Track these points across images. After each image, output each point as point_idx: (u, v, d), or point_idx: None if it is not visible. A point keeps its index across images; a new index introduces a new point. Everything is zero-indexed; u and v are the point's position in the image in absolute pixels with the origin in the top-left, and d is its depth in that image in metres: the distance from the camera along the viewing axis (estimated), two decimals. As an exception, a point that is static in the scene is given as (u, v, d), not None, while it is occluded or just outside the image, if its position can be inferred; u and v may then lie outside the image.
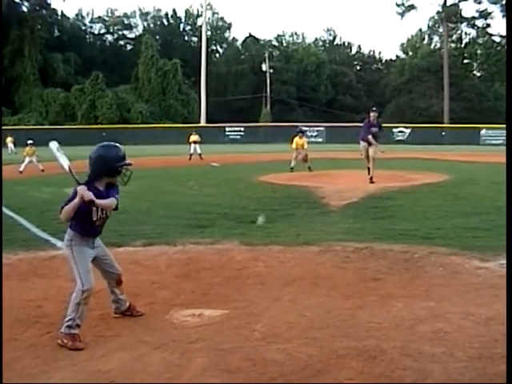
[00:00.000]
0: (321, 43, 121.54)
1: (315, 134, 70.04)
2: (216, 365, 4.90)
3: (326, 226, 11.85)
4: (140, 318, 6.20)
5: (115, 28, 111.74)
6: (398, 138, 68.06)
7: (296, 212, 13.87)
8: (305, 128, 39.84)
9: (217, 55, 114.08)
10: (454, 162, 33.51)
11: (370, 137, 20.27)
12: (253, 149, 51.60)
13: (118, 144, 5.85)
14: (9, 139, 48.80)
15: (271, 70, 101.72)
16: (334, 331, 5.64)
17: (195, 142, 38.05)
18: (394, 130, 69.44)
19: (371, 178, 19.82)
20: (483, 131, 68.98)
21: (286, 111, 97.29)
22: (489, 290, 7.06)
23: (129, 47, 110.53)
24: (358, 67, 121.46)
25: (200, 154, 37.14)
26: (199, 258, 8.88)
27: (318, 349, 5.19)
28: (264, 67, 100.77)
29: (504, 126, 69.29)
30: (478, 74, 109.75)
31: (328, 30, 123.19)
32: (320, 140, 67.79)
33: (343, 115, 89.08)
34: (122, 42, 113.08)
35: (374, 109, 21.37)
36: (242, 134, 73.77)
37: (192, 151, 37.55)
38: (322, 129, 72.86)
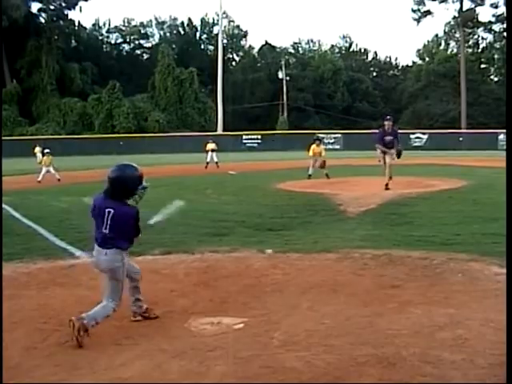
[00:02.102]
0: (337, 50, 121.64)
1: (332, 141, 70.00)
2: (235, 373, 4.89)
3: (343, 232, 11.84)
4: (159, 326, 6.22)
5: (132, 37, 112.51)
6: (416, 144, 67.88)
7: (313, 219, 13.86)
8: (322, 135, 39.88)
9: (233, 63, 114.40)
10: (471, 167, 33.33)
11: (380, 146, 20.32)
12: (270, 156, 51.60)
13: (135, 165, 6.07)
14: (37, 149, 48.96)
15: (288, 78, 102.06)
16: (352, 339, 5.62)
17: (212, 150, 38.03)
18: (411, 136, 69.29)
19: (387, 185, 19.74)
20: (501, 136, 68.47)
21: (302, 118, 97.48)
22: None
23: (145, 56, 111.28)
24: (375, 73, 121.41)
25: (217, 163, 37.14)
26: (217, 266, 8.89)
27: (337, 356, 5.17)
28: (280, 75, 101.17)
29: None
30: (496, 79, 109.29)
31: (344, 36, 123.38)
32: (337, 147, 67.74)
33: (360, 122, 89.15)
34: (138, 52, 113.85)
35: (388, 117, 21.13)
36: (259, 141, 73.88)
37: (209, 159, 37.56)
38: (339, 136, 72.82)
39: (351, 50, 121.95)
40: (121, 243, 5.93)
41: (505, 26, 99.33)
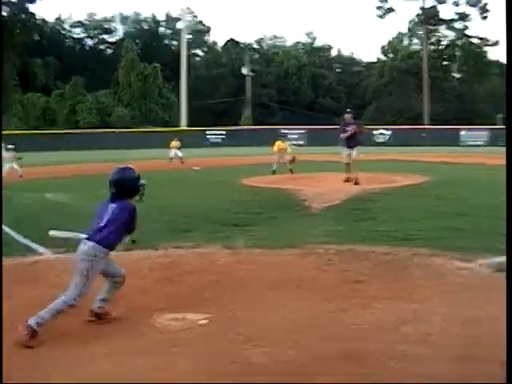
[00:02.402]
0: (301, 46, 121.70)
1: (296, 136, 69.99)
2: (201, 369, 4.88)
3: (308, 228, 11.88)
4: (123, 322, 6.18)
5: (95, 32, 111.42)
6: (379, 140, 68.29)
7: (278, 215, 13.88)
8: (286, 131, 39.87)
9: (197, 59, 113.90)
10: (434, 163, 33.71)
11: (344, 136, 20.63)
12: (234, 152, 51.58)
13: (132, 166, 6.55)
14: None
15: (252, 74, 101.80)
16: (317, 334, 5.65)
17: (176, 148, 38.16)
18: (375, 132, 69.63)
19: (356, 179, 19.99)
20: (463, 132, 69.38)
21: (266, 114, 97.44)
22: (471, 291, 7.10)
23: (109, 51, 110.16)
24: (339, 70, 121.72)
25: (181, 158, 37.12)
26: (181, 261, 8.86)
27: (303, 351, 5.18)
28: (244, 70, 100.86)
29: (484, 126, 69.87)
30: (458, 76, 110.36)
31: (308, 33, 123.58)
32: (301, 142, 67.65)
33: (324, 117, 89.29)
34: (102, 47, 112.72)
35: (348, 110, 21.80)
36: (224, 137, 73.71)
37: (173, 155, 37.59)
38: (303, 131, 72.88)
39: (315, 46, 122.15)
40: (106, 238, 6.03)
41: (466, 23, 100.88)
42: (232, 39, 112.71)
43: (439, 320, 6.00)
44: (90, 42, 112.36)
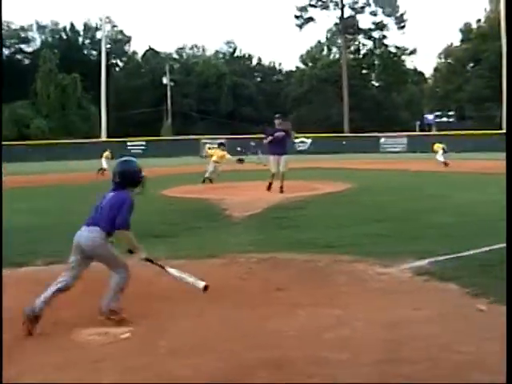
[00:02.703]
0: (221, 55, 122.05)
1: (216, 146, 70.02)
2: (124, 383, 4.83)
3: (229, 237, 11.89)
4: (44, 338, 6.05)
5: (11, 42, 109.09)
6: (300, 149, 68.84)
7: (199, 225, 13.83)
8: (207, 140, 39.91)
9: (117, 69, 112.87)
10: (355, 170, 34.27)
11: (269, 139, 20.58)
12: (155, 162, 51.20)
13: (134, 159, 7.13)
14: None
15: (172, 83, 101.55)
16: (241, 343, 5.65)
17: (107, 158, 37.99)
18: (295, 140, 70.23)
19: (281, 187, 20.09)
20: (382, 139, 70.70)
21: (187, 124, 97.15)
22: (392, 295, 7.23)
23: (26, 61, 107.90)
24: (259, 79, 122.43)
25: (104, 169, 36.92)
26: (103, 275, 8.71)
27: (226, 361, 5.18)
28: (165, 80, 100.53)
29: (403, 133, 71.38)
30: (376, 84, 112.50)
31: (228, 42, 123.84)
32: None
33: (244, 126, 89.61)
34: (19, 56, 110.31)
35: (277, 115, 21.66)
36: (144, 147, 73.11)
37: (105, 166, 37.56)
38: (223, 141, 72.90)
39: (235, 55, 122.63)
40: (104, 224, 6.56)
41: (384, 33, 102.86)
42: (151, 48, 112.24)
43: (361, 325, 6.09)
44: (6, 51, 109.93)
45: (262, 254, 9.76)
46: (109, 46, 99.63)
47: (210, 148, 28.61)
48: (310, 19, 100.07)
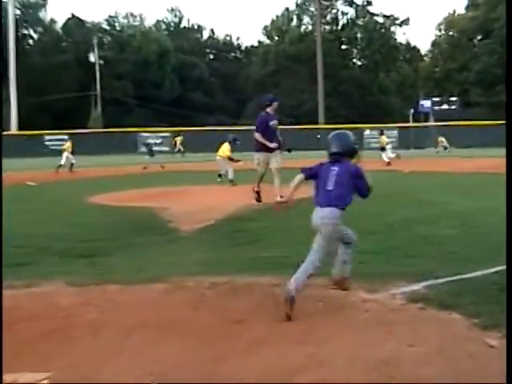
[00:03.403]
0: (164, 27, 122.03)
1: (160, 141, 69.95)
2: None
3: (174, 256, 11.86)
4: None
5: None
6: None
7: (137, 241, 13.81)
8: (147, 134, 39.84)
9: (30, 42, 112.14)
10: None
11: (261, 139, 19.21)
12: (81, 162, 50.98)
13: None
14: None
15: (101, 62, 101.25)
16: (189, 390, 5.63)
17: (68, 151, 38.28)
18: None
19: (281, 197, 19.83)
20: (367, 132, 71.17)
21: (121, 113, 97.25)
22: (379, 328, 7.23)
23: None
24: (212, 56, 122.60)
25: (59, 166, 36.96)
26: (12, 305, 8.64)
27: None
28: (92, 58, 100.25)
29: (393, 125, 71.70)
30: (359, 63, 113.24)
31: (173, 10, 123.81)
32: (166, 149, 67.55)
33: (194, 116, 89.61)
34: None
35: (270, 98, 20.15)
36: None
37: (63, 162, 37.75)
38: (167, 134, 72.81)
39: (182, 26, 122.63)
40: (341, 201, 8.35)
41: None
42: (75, 16, 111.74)
43: (341, 365, 6.09)
44: None
45: (216, 277, 9.73)
46: (18, 11, 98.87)
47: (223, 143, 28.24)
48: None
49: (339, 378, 5.78)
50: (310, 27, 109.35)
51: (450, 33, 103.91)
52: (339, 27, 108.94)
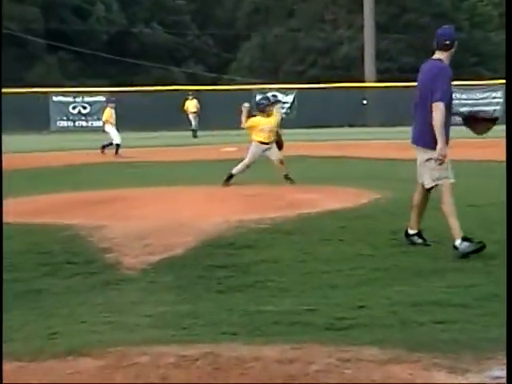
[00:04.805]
0: None
1: (87, 109, 70.10)
2: None
3: (113, 312, 11.69)
4: None
5: None
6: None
7: (50, 285, 13.65)
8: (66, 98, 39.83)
9: None
10: (381, 160, 34.62)
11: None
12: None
13: None
14: None
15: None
16: None
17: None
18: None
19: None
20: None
21: (23, 61, 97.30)
22: None
23: None
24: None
25: None
26: None
27: None
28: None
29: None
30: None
31: None
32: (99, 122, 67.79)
33: (147, 68, 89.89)
34: None
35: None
36: None
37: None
38: (101, 98, 73.06)
39: None
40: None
41: None
42: None
43: None
44: None
45: (187, 348, 9.53)
46: None
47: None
48: None
49: None
50: None
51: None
52: None
